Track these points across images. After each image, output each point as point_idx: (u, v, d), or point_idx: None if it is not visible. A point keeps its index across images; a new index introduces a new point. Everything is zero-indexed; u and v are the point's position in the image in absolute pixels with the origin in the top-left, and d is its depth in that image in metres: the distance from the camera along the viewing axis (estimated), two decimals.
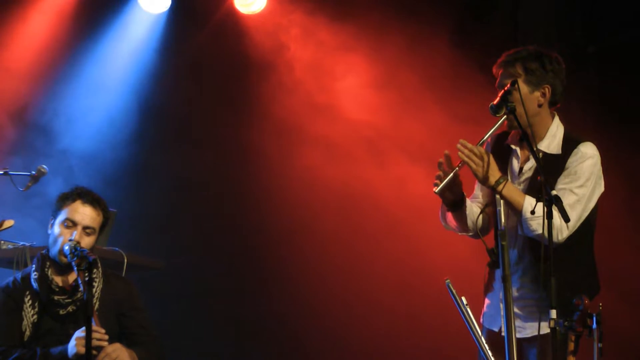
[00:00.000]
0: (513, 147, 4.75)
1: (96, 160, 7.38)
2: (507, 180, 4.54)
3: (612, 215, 6.42)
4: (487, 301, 4.82)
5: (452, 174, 4.50)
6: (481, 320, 4.81)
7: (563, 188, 4.55)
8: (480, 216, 4.75)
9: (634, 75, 7.07)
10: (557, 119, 4.74)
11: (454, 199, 4.68)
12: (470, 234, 4.81)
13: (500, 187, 4.51)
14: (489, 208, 4.77)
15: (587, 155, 4.62)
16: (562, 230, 4.46)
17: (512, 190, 4.53)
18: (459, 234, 4.84)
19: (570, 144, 4.65)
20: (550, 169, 4.51)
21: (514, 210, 4.54)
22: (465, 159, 4.48)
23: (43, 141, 7.29)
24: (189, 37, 7.61)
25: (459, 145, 4.50)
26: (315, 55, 7.46)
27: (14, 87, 7.23)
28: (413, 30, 7.23)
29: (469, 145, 4.49)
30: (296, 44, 7.48)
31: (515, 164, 4.71)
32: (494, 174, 4.51)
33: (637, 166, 6.87)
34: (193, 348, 7.53)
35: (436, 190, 4.50)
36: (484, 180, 4.51)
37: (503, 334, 4.47)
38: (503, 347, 4.25)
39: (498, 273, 4.60)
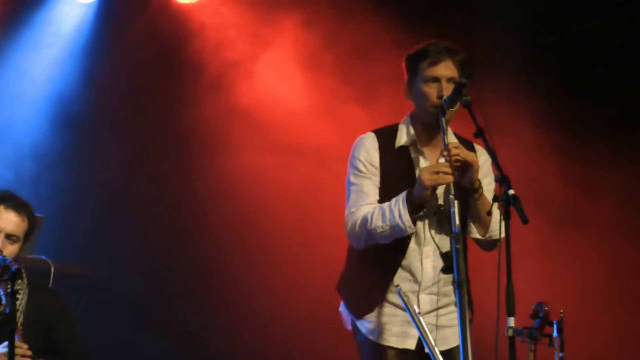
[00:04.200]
0: (420, 147, 4.50)
1: (18, 159, 7.13)
2: None
3: (570, 205, 6.63)
4: (386, 319, 4.49)
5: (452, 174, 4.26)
6: (372, 337, 4.50)
7: (489, 190, 4.44)
8: None
9: (595, 64, 7.12)
10: None
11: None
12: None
13: (481, 191, 4.33)
14: None
15: (486, 155, 4.44)
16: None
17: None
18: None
19: (465, 142, 4.50)
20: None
21: (482, 214, 4.35)
22: (470, 159, 4.27)
23: None
24: (121, 28, 7.37)
25: (455, 152, 4.26)
26: (258, 48, 7.30)
27: None
28: (367, 28, 7.11)
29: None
30: (237, 36, 7.29)
31: (425, 165, 4.46)
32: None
33: (600, 154, 6.85)
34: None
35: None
36: (475, 181, 4.31)
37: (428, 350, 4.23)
38: None
39: (407, 285, 4.41)
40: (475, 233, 4.45)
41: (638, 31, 6.98)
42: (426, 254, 4.43)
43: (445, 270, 4.20)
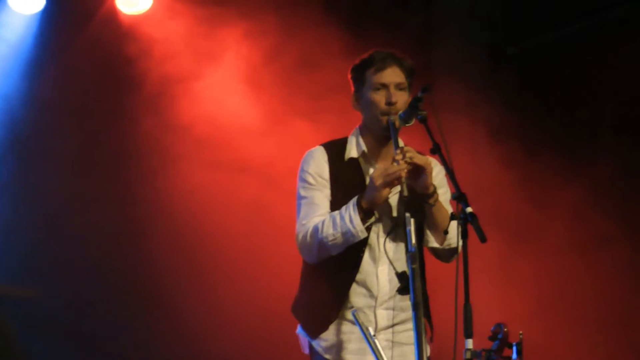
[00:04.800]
0: (370, 159, 4.42)
1: None
2: None
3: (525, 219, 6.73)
4: (343, 336, 4.40)
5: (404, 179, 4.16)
6: (330, 356, 4.40)
7: (444, 200, 4.34)
8: None
9: (553, 76, 7.14)
10: None
11: None
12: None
13: (436, 196, 4.22)
14: None
15: (440, 166, 4.38)
16: None
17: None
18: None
19: (418, 152, 4.37)
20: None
21: (439, 225, 4.24)
22: (422, 162, 4.18)
23: None
24: (65, 41, 7.21)
25: (408, 155, 4.18)
26: (202, 61, 7.15)
27: None
28: (314, 40, 7.00)
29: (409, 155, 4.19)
30: (181, 49, 7.16)
31: None
32: None
33: (554, 167, 6.85)
34: None
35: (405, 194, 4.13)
36: (429, 185, 4.20)
37: None
38: None
39: (364, 301, 4.33)
40: (433, 242, 4.36)
41: (596, 44, 7.01)
42: (381, 267, 4.33)
43: (402, 291, 4.07)
